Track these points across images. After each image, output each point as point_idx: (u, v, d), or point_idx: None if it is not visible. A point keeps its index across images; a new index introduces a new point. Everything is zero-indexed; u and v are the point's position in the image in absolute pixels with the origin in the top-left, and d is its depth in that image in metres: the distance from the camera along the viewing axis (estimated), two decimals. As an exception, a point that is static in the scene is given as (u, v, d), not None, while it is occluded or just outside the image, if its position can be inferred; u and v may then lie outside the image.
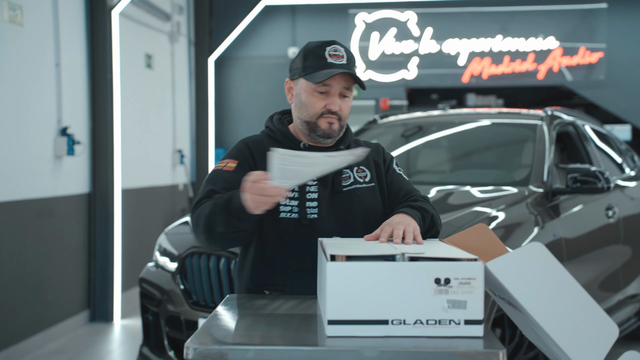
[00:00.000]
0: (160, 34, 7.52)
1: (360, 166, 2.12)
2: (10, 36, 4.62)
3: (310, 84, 2.01)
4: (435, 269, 1.47)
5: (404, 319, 1.46)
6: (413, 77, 9.15)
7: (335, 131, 2.03)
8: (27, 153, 4.79)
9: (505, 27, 9.08)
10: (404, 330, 1.46)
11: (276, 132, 2.12)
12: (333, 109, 2.00)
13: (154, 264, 3.74)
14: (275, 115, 2.18)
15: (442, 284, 1.46)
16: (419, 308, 1.46)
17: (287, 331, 1.50)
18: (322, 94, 2.01)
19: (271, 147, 2.02)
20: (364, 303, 1.46)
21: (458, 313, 1.46)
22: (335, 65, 1.99)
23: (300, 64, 2.04)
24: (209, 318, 1.59)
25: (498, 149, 4.63)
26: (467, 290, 1.46)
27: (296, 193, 1.98)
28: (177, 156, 7.82)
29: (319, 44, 2.04)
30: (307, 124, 2.04)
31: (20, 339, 4.69)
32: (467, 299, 1.46)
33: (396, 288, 1.46)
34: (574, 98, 9.56)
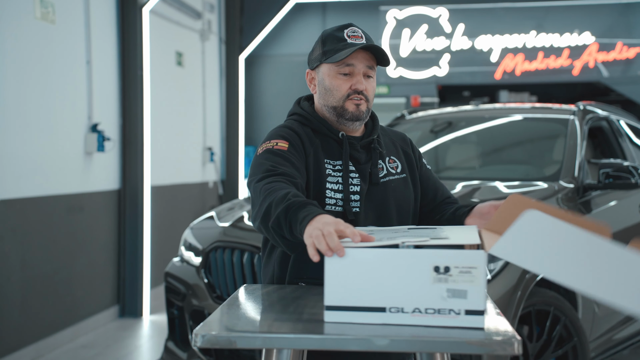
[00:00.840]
0: (191, 32, 7.56)
1: (391, 156, 2.08)
2: (43, 34, 4.68)
3: (332, 67, 1.96)
4: (435, 256, 1.42)
5: (402, 307, 1.43)
6: (444, 74, 9.06)
7: (364, 112, 1.97)
8: (57, 149, 4.85)
9: (540, 23, 8.93)
10: (402, 318, 1.43)
11: (313, 120, 2.00)
12: (360, 88, 1.94)
13: (180, 258, 3.76)
14: (302, 101, 2.08)
15: (441, 272, 1.42)
16: (417, 296, 1.43)
17: (297, 319, 1.47)
18: (346, 76, 1.95)
19: (313, 137, 1.96)
20: (362, 290, 1.43)
21: (458, 302, 1.42)
22: (356, 44, 1.94)
23: (320, 50, 1.99)
24: (221, 306, 1.57)
25: (529, 144, 4.54)
26: (468, 280, 1.41)
27: (340, 185, 1.93)
28: (207, 154, 7.85)
29: (336, 28, 1.99)
30: (334, 109, 1.98)
31: (51, 332, 4.75)
32: (468, 289, 1.41)
33: (394, 275, 1.43)
34: (610, 94, 9.38)
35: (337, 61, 1.93)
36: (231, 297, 1.67)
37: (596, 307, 3.65)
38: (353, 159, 1.99)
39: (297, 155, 1.90)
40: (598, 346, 3.73)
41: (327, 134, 2.00)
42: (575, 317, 3.30)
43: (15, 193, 4.37)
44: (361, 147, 2.02)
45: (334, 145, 1.99)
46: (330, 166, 1.96)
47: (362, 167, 1.98)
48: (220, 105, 8.49)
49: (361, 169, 1.98)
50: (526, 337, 3.18)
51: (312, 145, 1.96)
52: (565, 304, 3.28)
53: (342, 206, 1.91)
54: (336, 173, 1.95)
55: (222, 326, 1.41)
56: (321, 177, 1.93)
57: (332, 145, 1.99)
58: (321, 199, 1.90)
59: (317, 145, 1.97)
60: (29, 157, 4.52)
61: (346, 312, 1.44)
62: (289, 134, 1.95)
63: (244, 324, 1.45)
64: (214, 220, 3.76)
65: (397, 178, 2.05)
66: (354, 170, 1.97)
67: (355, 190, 1.94)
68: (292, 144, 1.92)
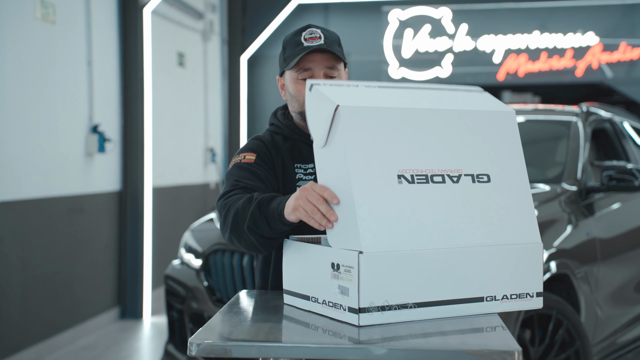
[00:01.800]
0: (193, 32, 7.54)
1: None
2: (43, 34, 4.66)
3: (293, 73, 1.94)
4: (331, 254, 1.53)
5: (317, 298, 1.57)
6: (447, 74, 9.02)
7: None
8: (58, 150, 4.83)
9: (543, 23, 8.90)
10: (315, 307, 1.58)
11: (284, 128, 2.02)
12: None
13: (179, 260, 3.74)
14: (278, 111, 2.10)
15: (335, 269, 1.51)
16: (323, 289, 1.55)
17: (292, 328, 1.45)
18: (306, 80, 1.92)
19: (282, 144, 1.98)
20: (298, 278, 1.63)
21: (344, 299, 1.49)
22: (312, 47, 1.91)
23: (282, 57, 1.99)
24: (217, 313, 1.55)
25: (532, 146, 4.51)
26: (349, 278, 1.47)
27: None
28: (209, 154, 7.84)
29: (294, 32, 1.97)
30: (300, 115, 1.97)
31: (52, 334, 4.73)
32: (349, 287, 1.47)
33: (314, 268, 1.58)
34: (614, 95, 9.34)
35: (292, 67, 1.92)
36: (228, 303, 1.66)
37: (599, 311, 3.62)
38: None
39: (264, 165, 1.92)
40: (601, 350, 3.70)
41: (298, 139, 2.00)
42: (578, 321, 3.27)
43: (16, 194, 4.35)
44: None
45: (305, 149, 1.99)
46: (302, 170, 1.96)
47: None
48: (222, 106, 8.47)
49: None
50: (528, 341, 3.16)
51: (279, 153, 1.97)
52: (567, 307, 3.26)
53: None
54: (308, 177, 1.95)
55: (218, 334, 1.40)
56: (291, 182, 1.94)
57: (303, 149, 1.99)
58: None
59: (286, 151, 1.97)
60: (30, 158, 4.51)
61: (290, 296, 1.66)
62: (257, 145, 1.98)
63: (239, 332, 1.44)
64: (214, 222, 3.74)
65: None
66: None
67: None
68: (259, 156, 1.94)
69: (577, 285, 3.41)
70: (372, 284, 1.44)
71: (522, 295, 1.62)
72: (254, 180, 1.87)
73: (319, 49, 1.90)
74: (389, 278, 1.46)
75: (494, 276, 1.58)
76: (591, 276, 3.56)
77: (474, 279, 1.55)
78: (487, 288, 1.57)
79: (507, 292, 1.60)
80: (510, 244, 1.60)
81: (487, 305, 1.57)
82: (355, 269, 1.44)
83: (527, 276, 1.63)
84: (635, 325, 4.05)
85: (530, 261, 1.63)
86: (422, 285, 1.50)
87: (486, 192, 1.62)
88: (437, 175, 1.57)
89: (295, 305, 1.63)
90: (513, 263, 1.61)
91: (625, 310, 3.95)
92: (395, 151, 1.55)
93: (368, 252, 1.44)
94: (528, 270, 1.63)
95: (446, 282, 1.52)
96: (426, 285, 1.51)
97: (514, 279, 1.61)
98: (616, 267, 3.84)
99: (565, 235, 3.47)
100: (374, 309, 1.45)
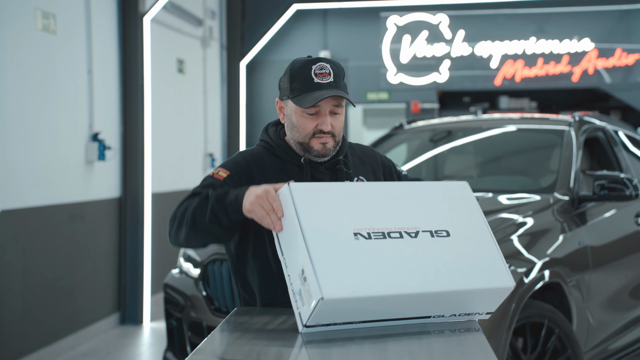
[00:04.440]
0: (192, 39, 7.61)
1: (359, 176, 2.11)
2: (44, 44, 4.73)
3: (299, 106, 1.99)
4: (306, 263, 1.58)
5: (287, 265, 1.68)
6: (445, 80, 9.09)
7: (330, 149, 2.02)
8: (59, 158, 4.90)
9: (540, 29, 8.97)
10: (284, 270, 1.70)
11: (275, 146, 2.07)
12: (325, 130, 1.98)
13: (178, 270, 3.80)
14: (270, 127, 2.14)
15: (302, 277, 1.59)
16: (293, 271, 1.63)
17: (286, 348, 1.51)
18: (312, 115, 1.99)
19: (271, 163, 2.02)
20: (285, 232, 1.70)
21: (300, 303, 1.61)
22: (322, 85, 1.96)
23: (288, 85, 2.02)
24: (213, 332, 1.62)
25: (525, 155, 4.58)
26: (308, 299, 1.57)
27: None
28: (208, 160, 7.90)
29: (303, 63, 2.01)
30: (300, 145, 2.02)
31: (52, 340, 4.79)
32: (306, 303, 1.58)
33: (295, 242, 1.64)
34: (609, 100, 9.40)
35: (303, 107, 1.97)
36: (223, 322, 1.72)
37: (591, 318, 3.68)
38: (316, 180, 2.02)
39: (232, 183, 1.98)
40: (593, 357, 3.77)
41: (287, 160, 2.05)
42: (569, 328, 3.33)
43: (17, 203, 4.42)
44: (326, 169, 2.06)
45: (294, 170, 2.04)
46: None
47: None
48: (221, 111, 8.53)
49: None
50: (520, 349, 3.22)
51: (262, 174, 2.02)
52: (559, 316, 3.32)
53: None
54: None
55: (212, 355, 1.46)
56: None
57: (293, 170, 2.04)
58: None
59: (273, 172, 2.03)
60: (31, 166, 4.57)
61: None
62: (236, 164, 2.04)
63: (233, 352, 1.50)
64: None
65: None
66: None
67: None
68: (231, 175, 2.00)
69: (569, 293, 3.47)
70: (326, 314, 1.56)
71: (471, 314, 1.70)
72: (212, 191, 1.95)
73: (330, 94, 1.95)
74: (340, 311, 1.57)
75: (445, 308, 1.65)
76: (583, 284, 3.62)
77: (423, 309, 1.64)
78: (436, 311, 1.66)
79: (456, 312, 1.68)
80: (480, 289, 1.64)
81: (434, 319, 1.67)
82: (313, 302, 1.54)
83: (487, 303, 1.69)
84: (627, 332, 4.11)
85: (497, 296, 1.68)
86: (370, 313, 1.61)
87: (447, 244, 1.66)
88: (394, 232, 1.63)
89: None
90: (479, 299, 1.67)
91: (617, 317, 4.01)
92: (350, 216, 1.66)
93: (328, 299, 1.52)
94: (492, 300, 1.69)
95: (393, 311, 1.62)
96: (374, 313, 1.61)
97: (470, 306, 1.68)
98: (607, 275, 3.90)
99: (558, 244, 3.54)
100: (320, 326, 1.59)
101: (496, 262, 1.70)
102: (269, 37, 8.75)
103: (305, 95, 1.97)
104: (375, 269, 1.57)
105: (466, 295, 1.63)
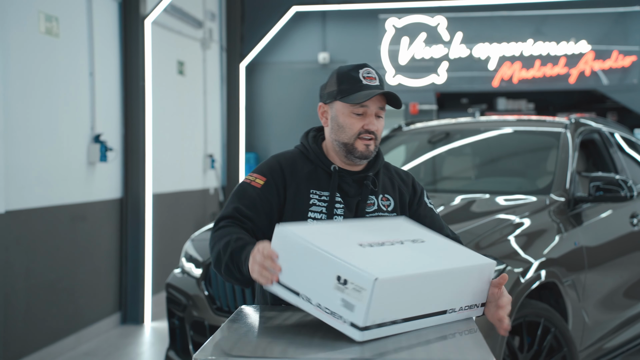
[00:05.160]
0: (192, 41, 7.66)
1: (386, 194, 2.17)
2: (47, 47, 4.78)
3: (347, 106, 2.06)
4: (339, 267, 1.60)
5: (310, 299, 1.65)
6: (443, 81, 9.15)
7: (372, 152, 2.09)
8: (61, 160, 4.95)
9: (537, 31, 9.03)
10: (306, 306, 1.66)
11: (310, 150, 2.14)
12: (372, 129, 2.06)
13: (180, 269, 3.85)
14: (311, 132, 2.22)
15: (341, 282, 1.59)
16: (321, 295, 1.63)
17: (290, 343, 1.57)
18: (359, 115, 2.06)
19: (303, 167, 2.11)
20: (290, 273, 1.69)
21: (347, 313, 1.59)
22: (371, 86, 2.06)
23: (336, 87, 2.09)
24: (220, 329, 1.67)
25: (522, 156, 4.64)
26: (357, 297, 1.57)
27: (324, 215, 2.05)
28: (208, 161, 7.95)
29: (352, 67, 2.10)
30: (344, 146, 2.09)
31: (54, 340, 4.85)
32: (356, 305, 1.57)
33: (310, 270, 1.64)
34: (606, 102, 9.46)
35: (355, 103, 2.04)
36: (229, 319, 1.77)
37: (586, 317, 3.74)
38: (342, 190, 2.09)
39: (269, 193, 2.06)
40: (588, 355, 3.83)
41: (319, 165, 2.11)
42: (565, 327, 3.39)
43: (20, 204, 4.47)
44: (354, 181, 2.12)
45: (324, 176, 2.10)
46: (316, 196, 2.07)
47: (350, 199, 2.09)
48: (221, 113, 8.59)
49: (349, 202, 2.09)
50: (517, 348, 3.28)
51: (294, 178, 2.09)
52: (555, 315, 3.38)
53: None
54: (321, 203, 2.06)
55: (219, 350, 1.51)
56: (304, 205, 2.05)
57: (322, 176, 2.10)
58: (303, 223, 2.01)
59: (303, 176, 2.10)
60: (33, 168, 4.63)
61: (280, 287, 1.72)
62: (272, 169, 2.11)
63: (240, 348, 1.55)
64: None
65: (388, 216, 2.14)
66: (340, 202, 2.07)
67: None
68: (268, 182, 2.08)
69: (564, 293, 3.53)
70: (378, 306, 1.58)
71: (472, 307, 1.84)
72: (252, 210, 2.03)
73: (381, 91, 2.04)
74: (389, 300, 1.60)
75: (456, 293, 1.79)
76: (578, 284, 3.68)
77: (442, 297, 1.75)
78: (451, 303, 1.78)
79: (463, 304, 1.81)
80: (471, 266, 1.83)
81: (449, 316, 1.78)
82: (367, 292, 1.55)
83: (478, 291, 1.84)
84: (622, 331, 4.17)
85: (483, 278, 1.85)
86: (409, 304, 1.66)
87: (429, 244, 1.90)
88: (388, 242, 1.79)
89: (282, 296, 1.71)
90: (471, 282, 1.83)
91: (612, 317, 4.07)
92: (348, 237, 1.77)
93: (382, 279, 1.55)
94: (480, 286, 1.84)
95: (424, 300, 1.70)
96: (411, 303, 1.67)
97: (469, 294, 1.82)
98: (603, 275, 3.96)
99: (554, 245, 3.60)
100: (374, 327, 1.59)
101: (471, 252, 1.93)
102: (268, 39, 8.81)
103: (356, 94, 2.04)
104: (395, 260, 1.70)
105: (465, 274, 1.80)
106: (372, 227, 1.90)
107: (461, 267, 1.79)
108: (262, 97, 9.37)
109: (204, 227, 4.09)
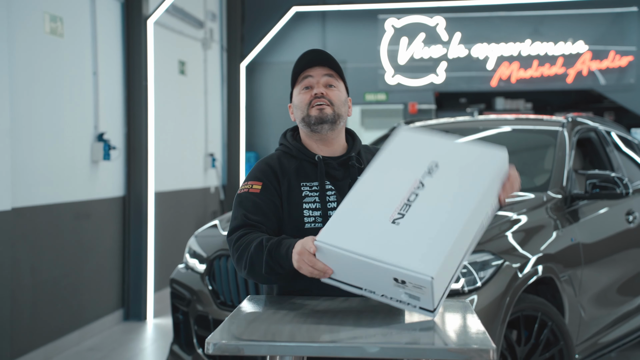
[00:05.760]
0: (194, 41, 7.73)
1: None
2: (52, 47, 4.85)
3: (297, 88, 2.18)
4: (393, 272, 1.69)
5: (374, 291, 1.76)
6: (441, 81, 9.23)
7: (328, 115, 2.13)
8: (65, 158, 5.02)
9: (535, 31, 9.11)
10: (373, 296, 1.77)
11: (291, 147, 2.20)
12: (318, 92, 2.13)
13: (184, 265, 3.92)
14: (287, 132, 2.29)
15: (399, 282, 1.70)
16: (384, 288, 1.74)
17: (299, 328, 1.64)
18: (308, 89, 2.15)
19: (289, 164, 2.17)
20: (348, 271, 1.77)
21: (414, 301, 1.72)
22: (309, 57, 2.16)
23: (291, 83, 2.23)
24: (230, 316, 1.74)
25: (520, 155, 4.71)
26: (419, 292, 1.69)
27: (318, 204, 2.11)
28: (209, 160, 8.02)
29: (299, 57, 2.21)
30: (303, 121, 2.16)
31: (58, 336, 4.91)
32: (421, 297, 1.70)
33: (367, 273, 1.73)
34: (603, 102, 9.55)
35: (295, 78, 2.16)
36: (237, 307, 1.85)
37: (582, 312, 3.82)
38: (330, 177, 2.16)
39: (269, 195, 2.12)
40: (585, 349, 3.90)
41: (304, 159, 2.18)
42: (562, 322, 3.46)
43: (26, 201, 4.54)
44: (339, 164, 2.19)
45: (310, 168, 2.17)
46: (307, 188, 2.14)
47: (340, 183, 2.15)
48: (222, 112, 8.66)
49: (339, 186, 2.15)
50: (515, 341, 3.35)
51: (285, 175, 2.16)
52: (552, 309, 3.45)
53: (322, 222, 2.09)
54: (313, 193, 2.13)
55: (230, 335, 1.58)
56: (297, 199, 2.12)
57: (308, 168, 2.17)
58: (300, 219, 2.09)
59: (292, 171, 2.16)
60: (39, 166, 4.69)
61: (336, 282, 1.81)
62: (264, 173, 2.17)
63: (250, 333, 1.63)
64: (217, 229, 3.93)
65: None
66: (331, 189, 2.14)
67: (333, 207, 2.11)
68: (265, 185, 2.14)
69: (561, 288, 3.60)
70: (439, 289, 1.72)
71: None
72: (260, 214, 2.08)
73: (316, 57, 2.14)
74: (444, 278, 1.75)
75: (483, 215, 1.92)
76: (575, 279, 3.75)
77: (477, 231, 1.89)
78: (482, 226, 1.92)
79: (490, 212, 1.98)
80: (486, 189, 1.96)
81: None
82: (428, 288, 1.66)
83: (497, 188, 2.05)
84: (618, 326, 4.24)
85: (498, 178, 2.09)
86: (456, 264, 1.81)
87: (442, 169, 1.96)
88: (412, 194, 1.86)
89: (341, 287, 1.80)
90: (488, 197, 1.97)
91: (608, 312, 4.14)
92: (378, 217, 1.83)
93: (436, 274, 1.67)
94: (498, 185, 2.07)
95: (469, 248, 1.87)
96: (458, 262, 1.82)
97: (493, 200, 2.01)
98: (599, 270, 4.03)
99: (551, 241, 3.67)
100: (439, 301, 1.75)
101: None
102: (268, 39, 8.88)
103: (297, 73, 2.17)
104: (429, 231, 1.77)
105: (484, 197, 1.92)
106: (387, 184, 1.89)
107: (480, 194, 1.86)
108: (262, 96, 9.44)
109: (206, 224, 4.16)
